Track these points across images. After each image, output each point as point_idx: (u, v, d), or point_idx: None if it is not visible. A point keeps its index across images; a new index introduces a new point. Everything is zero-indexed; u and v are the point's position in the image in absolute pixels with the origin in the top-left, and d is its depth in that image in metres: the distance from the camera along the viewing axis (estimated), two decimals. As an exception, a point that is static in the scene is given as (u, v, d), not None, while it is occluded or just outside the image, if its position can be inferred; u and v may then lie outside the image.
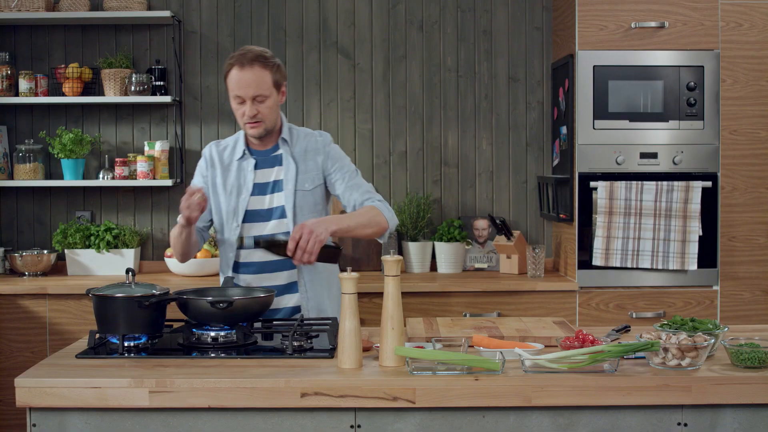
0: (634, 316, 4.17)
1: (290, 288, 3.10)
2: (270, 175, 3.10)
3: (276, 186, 3.08)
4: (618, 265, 4.15)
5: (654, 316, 4.17)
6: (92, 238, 4.56)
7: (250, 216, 3.07)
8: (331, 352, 2.57)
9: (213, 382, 2.30)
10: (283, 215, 3.06)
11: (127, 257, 4.58)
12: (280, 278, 3.08)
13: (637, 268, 4.17)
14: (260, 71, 2.99)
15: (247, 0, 4.73)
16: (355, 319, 2.40)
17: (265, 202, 3.08)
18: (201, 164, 3.18)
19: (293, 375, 2.34)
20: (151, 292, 2.65)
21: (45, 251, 4.57)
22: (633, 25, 4.16)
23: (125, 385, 2.31)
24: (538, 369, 2.35)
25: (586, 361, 2.33)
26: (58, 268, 4.67)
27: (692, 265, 4.12)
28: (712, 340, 2.39)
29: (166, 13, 4.52)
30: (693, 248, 4.12)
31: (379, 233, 3.03)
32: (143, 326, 2.64)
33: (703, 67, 4.19)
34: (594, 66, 4.17)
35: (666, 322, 2.61)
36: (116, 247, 4.57)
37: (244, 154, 3.11)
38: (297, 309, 3.10)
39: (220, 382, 2.30)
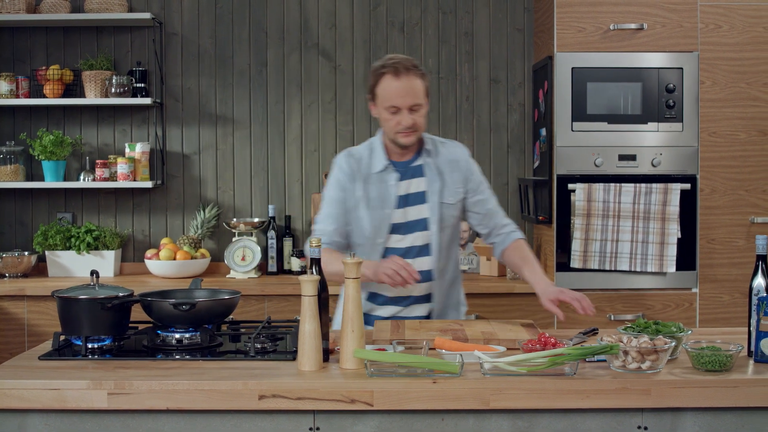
0: (612, 318, 4.16)
1: (423, 299, 3.08)
2: (410, 186, 3.01)
3: (417, 198, 3.00)
4: (596, 267, 4.14)
5: (633, 318, 4.16)
6: (72, 239, 4.56)
7: (394, 229, 3.00)
8: (294, 354, 2.56)
9: (171, 384, 2.29)
10: (425, 227, 3.00)
11: (108, 259, 4.58)
12: (417, 289, 3.05)
13: (616, 271, 4.16)
14: (415, 80, 2.89)
15: (228, 1, 4.74)
16: (315, 321, 2.39)
17: (407, 214, 3.00)
18: (340, 177, 3.03)
19: (252, 377, 2.33)
20: (115, 294, 2.65)
21: (26, 253, 4.57)
22: (612, 27, 4.16)
23: (83, 387, 2.30)
24: (497, 372, 2.34)
25: (545, 364, 2.32)
26: (40, 269, 4.68)
27: (671, 268, 4.11)
28: (673, 343, 2.38)
29: (147, 15, 4.52)
30: (672, 250, 4.11)
31: None
32: (106, 328, 2.63)
33: (682, 69, 4.18)
34: (572, 68, 4.16)
35: (630, 325, 2.61)
36: (97, 248, 4.57)
37: (385, 167, 3.01)
38: (426, 317, 3.10)
39: (178, 384, 2.29)
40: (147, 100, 4.54)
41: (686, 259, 4.18)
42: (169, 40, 4.75)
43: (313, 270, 2.48)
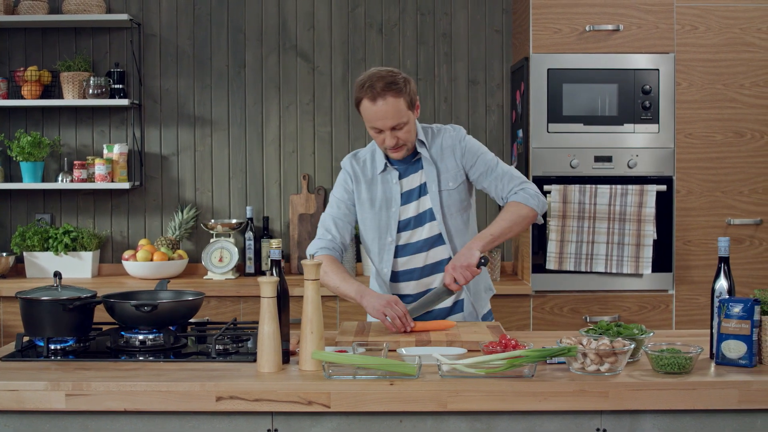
0: (588, 320, 4.16)
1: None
2: (415, 180, 3.03)
3: (422, 190, 3.02)
4: (572, 269, 4.14)
5: (610, 320, 4.15)
6: (50, 240, 4.56)
7: (403, 226, 3.03)
8: (255, 355, 2.56)
9: (129, 386, 2.29)
10: (432, 218, 3.01)
11: (86, 260, 4.58)
12: (439, 280, 3.06)
13: (592, 272, 4.16)
14: (393, 101, 2.86)
15: (206, 2, 4.73)
16: (274, 323, 2.39)
17: (415, 208, 3.02)
18: (345, 179, 3.10)
19: (210, 379, 2.32)
20: (77, 296, 2.64)
21: (3, 254, 4.56)
22: (587, 28, 4.16)
23: (42, 388, 2.30)
24: (455, 374, 2.33)
25: (503, 366, 2.32)
26: (18, 270, 4.67)
27: (646, 269, 4.11)
28: (632, 345, 2.37)
29: (124, 17, 4.52)
30: (647, 252, 4.11)
31: (528, 225, 3.00)
32: (69, 329, 2.63)
33: (658, 70, 4.18)
34: (548, 69, 4.16)
35: (591, 327, 2.60)
36: (75, 249, 4.57)
37: (386, 167, 3.04)
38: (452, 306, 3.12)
39: (136, 385, 2.29)
40: (125, 102, 4.54)
41: (662, 260, 4.18)
42: (148, 42, 4.75)
43: (273, 272, 2.48)
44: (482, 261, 2.88)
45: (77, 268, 4.56)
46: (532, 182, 3.05)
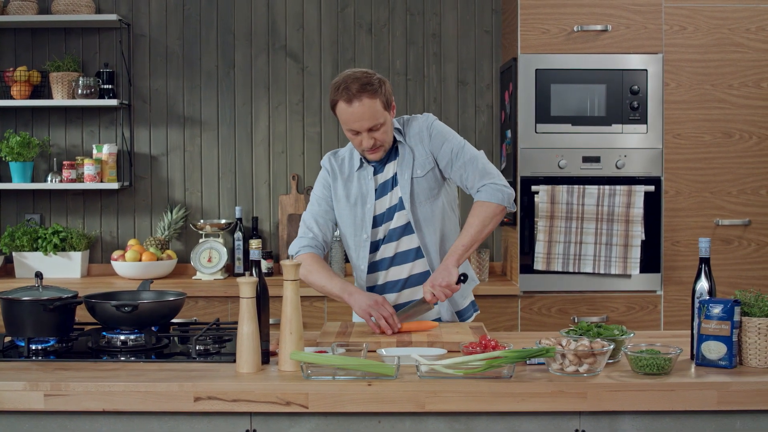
0: (576, 320, 4.16)
1: (423, 277, 3.03)
2: (388, 172, 3.02)
3: (395, 180, 3.01)
4: (559, 269, 4.13)
5: (598, 320, 4.15)
6: (40, 240, 4.56)
7: (379, 220, 3.02)
8: (236, 356, 2.56)
9: (107, 386, 2.29)
10: (402, 207, 2.99)
11: (75, 260, 4.57)
12: (416, 268, 3.03)
13: (580, 273, 4.15)
14: (369, 101, 2.84)
15: (195, 3, 4.73)
16: (253, 323, 2.39)
17: (389, 199, 3.01)
18: (324, 176, 3.11)
19: (189, 379, 2.32)
20: (58, 296, 2.64)
21: (-8, 254, 4.57)
22: (576, 29, 4.15)
23: (20, 388, 2.30)
24: (434, 374, 2.33)
25: (482, 366, 2.32)
26: (7, 270, 4.68)
27: (634, 270, 4.11)
28: (611, 346, 2.37)
29: (113, 17, 4.52)
30: (635, 252, 4.10)
31: (498, 221, 2.95)
32: (50, 329, 2.63)
33: (646, 70, 4.18)
34: (536, 69, 4.16)
35: (572, 328, 2.60)
36: (64, 249, 4.57)
37: (362, 163, 3.05)
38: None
39: (115, 385, 2.29)
40: (114, 102, 4.54)
41: (651, 261, 4.18)
42: (137, 42, 4.74)
43: (252, 272, 2.48)
44: (461, 278, 2.89)
45: (66, 268, 4.56)
46: (496, 174, 2.96)
